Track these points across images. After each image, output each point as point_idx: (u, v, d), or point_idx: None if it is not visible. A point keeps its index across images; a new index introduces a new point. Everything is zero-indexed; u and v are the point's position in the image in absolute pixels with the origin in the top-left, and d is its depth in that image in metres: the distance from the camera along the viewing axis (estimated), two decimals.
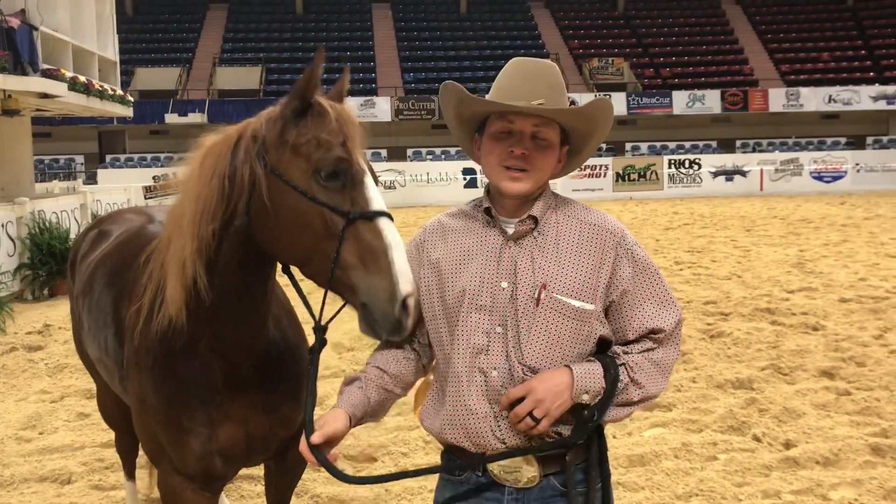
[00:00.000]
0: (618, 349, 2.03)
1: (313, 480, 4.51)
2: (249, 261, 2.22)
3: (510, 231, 2.05)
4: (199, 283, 2.19)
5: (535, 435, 1.94)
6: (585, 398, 1.94)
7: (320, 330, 2.14)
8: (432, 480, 4.38)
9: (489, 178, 2.08)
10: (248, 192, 2.12)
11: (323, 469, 1.98)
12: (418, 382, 2.23)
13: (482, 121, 2.11)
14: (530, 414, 1.90)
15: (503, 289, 1.99)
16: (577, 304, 1.96)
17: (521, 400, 1.92)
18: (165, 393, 2.42)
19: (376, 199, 2.08)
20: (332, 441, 1.96)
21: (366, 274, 2.00)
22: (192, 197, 2.18)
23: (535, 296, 1.97)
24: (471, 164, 27.32)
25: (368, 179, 2.12)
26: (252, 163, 2.12)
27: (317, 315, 2.12)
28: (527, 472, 1.98)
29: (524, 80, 2.02)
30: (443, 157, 31.30)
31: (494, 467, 1.99)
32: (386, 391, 2.09)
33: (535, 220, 2.04)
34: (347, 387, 2.08)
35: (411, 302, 1.98)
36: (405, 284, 1.97)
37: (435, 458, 4.70)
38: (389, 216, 2.07)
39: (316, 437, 1.93)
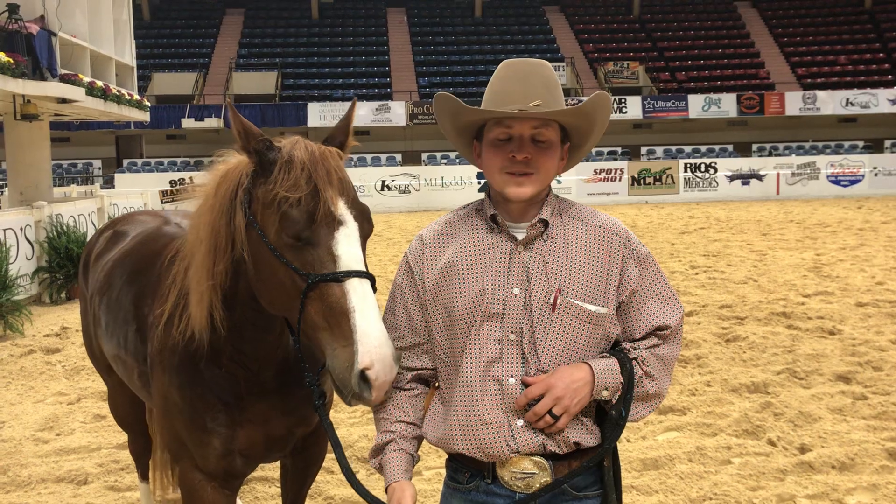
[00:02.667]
0: (626, 345, 2.03)
1: (327, 482, 4.53)
2: None
3: (520, 236, 2.02)
4: (216, 315, 2.23)
5: (552, 433, 1.93)
6: (605, 394, 1.94)
7: (314, 384, 2.13)
8: None
9: (492, 184, 2.04)
10: (241, 242, 2.11)
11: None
12: None
13: (479, 127, 2.08)
14: (549, 411, 1.89)
15: (515, 295, 1.96)
16: (592, 308, 1.96)
17: (539, 399, 1.90)
18: (190, 395, 2.46)
19: (346, 256, 1.96)
20: None
21: (331, 337, 1.92)
22: (208, 226, 2.18)
23: (551, 301, 1.94)
24: None
25: (342, 232, 1.99)
26: (238, 212, 2.10)
27: (306, 370, 2.13)
28: (539, 477, 1.95)
29: (517, 83, 1.99)
30: (457, 160, 31.27)
31: (505, 473, 1.96)
32: (418, 439, 2.08)
33: (546, 224, 2.02)
34: (385, 455, 2.03)
35: (371, 374, 1.86)
36: (364, 356, 1.86)
37: None
38: (361, 274, 1.96)
39: None
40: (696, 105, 34.30)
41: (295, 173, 2.00)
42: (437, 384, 2.15)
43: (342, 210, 2.01)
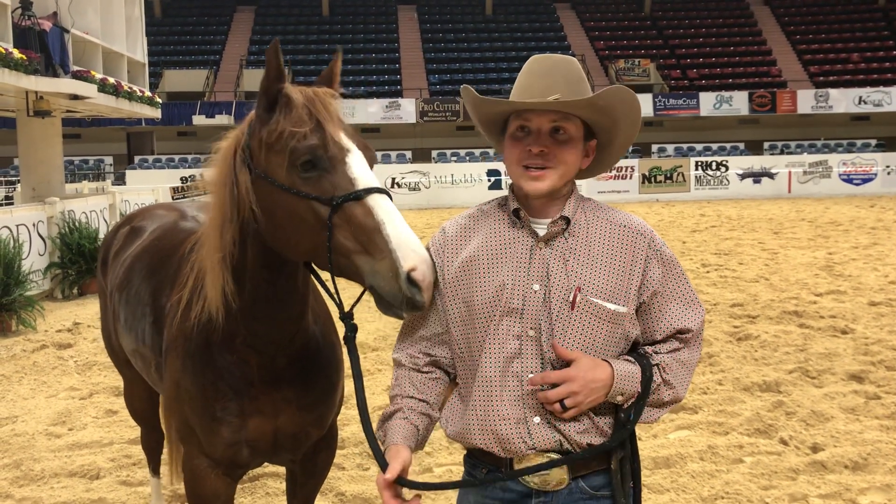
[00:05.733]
0: (648, 349, 2.01)
1: (338, 479, 4.53)
2: (271, 262, 2.23)
3: (541, 232, 2.00)
4: (227, 289, 2.24)
5: (568, 433, 1.92)
6: (619, 399, 1.93)
7: (348, 317, 2.13)
8: (456, 479, 4.39)
9: (511, 178, 2.05)
10: (249, 200, 2.13)
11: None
12: None
13: (505, 122, 2.08)
14: (561, 401, 1.88)
15: (535, 291, 1.95)
16: (611, 306, 1.94)
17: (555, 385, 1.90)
18: (202, 381, 2.46)
19: (362, 176, 2.01)
20: (403, 472, 1.92)
21: (366, 256, 1.93)
22: (215, 202, 2.23)
23: (570, 299, 1.93)
24: (495, 165, 27.34)
25: (352, 157, 2.05)
26: (240, 170, 2.13)
27: (339, 304, 2.14)
28: (556, 474, 1.95)
29: (540, 77, 1.99)
30: (467, 158, 31.31)
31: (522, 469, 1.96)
32: (427, 417, 2.05)
33: (567, 221, 2.00)
34: (390, 422, 2.01)
35: (418, 275, 1.88)
36: (406, 259, 1.88)
37: (459, 458, 4.70)
38: (380, 190, 2.00)
39: (392, 473, 1.87)
40: (708, 103, 34.17)
41: (297, 111, 2.05)
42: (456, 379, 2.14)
43: (346, 140, 2.08)
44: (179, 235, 3.05)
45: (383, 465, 1.91)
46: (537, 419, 1.93)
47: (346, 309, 2.13)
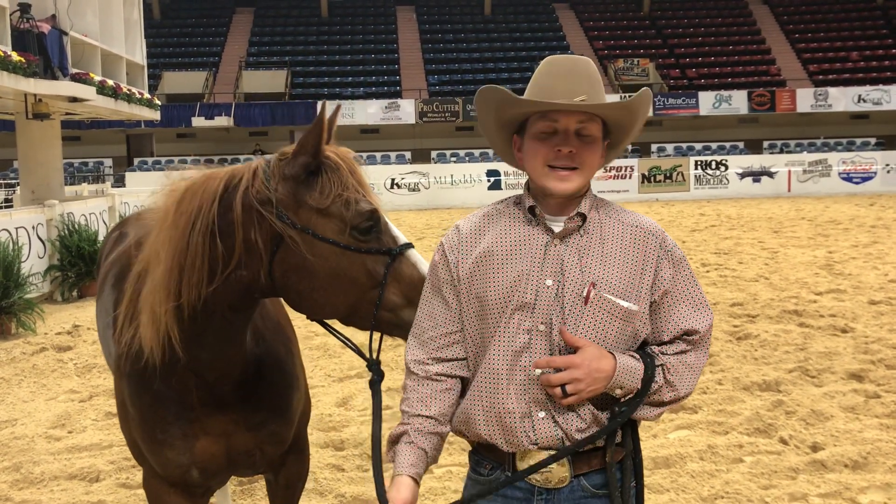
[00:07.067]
0: (655, 349, 2.02)
1: (338, 480, 4.53)
2: (242, 305, 2.19)
3: (557, 229, 2.01)
4: (173, 338, 2.14)
5: (570, 430, 1.93)
6: (618, 392, 1.94)
7: (376, 364, 2.24)
8: (456, 481, 4.39)
9: (534, 179, 2.03)
10: (270, 255, 2.09)
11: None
12: None
13: (521, 122, 2.07)
14: (563, 386, 1.89)
15: (548, 286, 1.96)
16: (624, 304, 1.95)
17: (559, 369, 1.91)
18: (141, 404, 2.40)
19: (399, 234, 2.21)
20: None
21: (412, 308, 2.12)
22: (169, 247, 2.11)
23: (584, 294, 1.94)
24: (495, 165, 27.33)
25: (387, 218, 2.21)
26: (272, 224, 2.07)
27: (365, 352, 2.25)
28: (557, 472, 1.95)
29: (562, 79, 1.99)
30: (467, 158, 31.30)
31: (524, 466, 1.97)
32: (437, 435, 2.03)
33: (584, 218, 2.02)
34: (398, 446, 2.00)
35: None
36: None
37: (459, 458, 4.70)
38: (412, 245, 2.22)
39: None
40: (707, 102, 34.18)
41: (344, 175, 2.15)
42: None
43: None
44: None
45: (383, 502, 1.91)
46: (542, 414, 1.94)
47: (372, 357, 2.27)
